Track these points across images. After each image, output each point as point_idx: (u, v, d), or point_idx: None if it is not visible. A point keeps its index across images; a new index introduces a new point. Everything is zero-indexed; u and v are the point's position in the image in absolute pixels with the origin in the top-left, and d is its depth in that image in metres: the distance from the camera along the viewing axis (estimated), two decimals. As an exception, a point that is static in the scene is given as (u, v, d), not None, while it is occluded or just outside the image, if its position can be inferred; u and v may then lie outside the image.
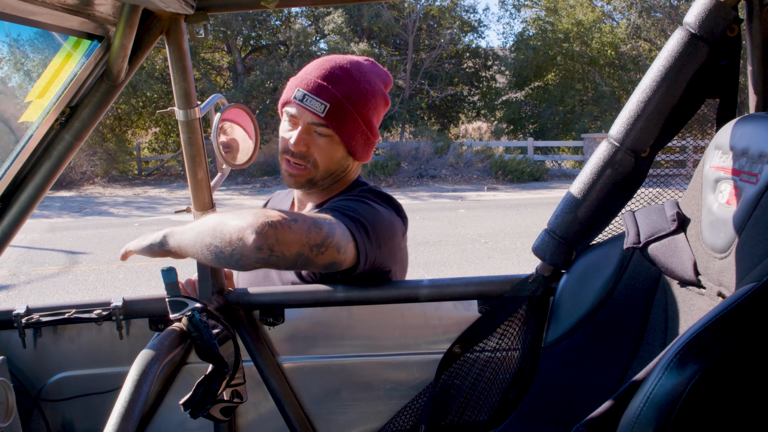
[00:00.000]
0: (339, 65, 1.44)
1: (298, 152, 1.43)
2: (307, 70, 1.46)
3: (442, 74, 20.04)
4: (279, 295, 1.50)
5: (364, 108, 1.44)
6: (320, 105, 1.40)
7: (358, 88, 1.43)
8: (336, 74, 1.42)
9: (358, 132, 1.45)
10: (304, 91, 1.41)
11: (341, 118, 1.41)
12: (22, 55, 1.35)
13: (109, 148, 18.35)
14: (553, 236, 1.47)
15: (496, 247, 7.54)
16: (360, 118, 1.44)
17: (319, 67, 1.44)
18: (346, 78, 1.42)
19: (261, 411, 1.57)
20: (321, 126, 1.42)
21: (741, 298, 0.89)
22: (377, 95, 1.47)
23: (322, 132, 1.43)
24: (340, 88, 1.41)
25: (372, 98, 1.45)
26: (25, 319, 1.47)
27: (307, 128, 1.43)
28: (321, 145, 1.44)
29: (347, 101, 1.41)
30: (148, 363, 1.12)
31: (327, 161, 1.46)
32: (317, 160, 1.45)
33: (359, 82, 1.44)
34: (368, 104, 1.45)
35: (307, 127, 1.43)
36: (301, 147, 1.43)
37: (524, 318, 1.47)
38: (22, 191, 1.35)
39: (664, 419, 0.84)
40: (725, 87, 1.37)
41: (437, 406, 1.47)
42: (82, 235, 9.27)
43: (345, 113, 1.41)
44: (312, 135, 1.44)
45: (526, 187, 14.68)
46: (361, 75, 1.45)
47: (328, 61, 1.45)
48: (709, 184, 1.21)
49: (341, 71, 1.43)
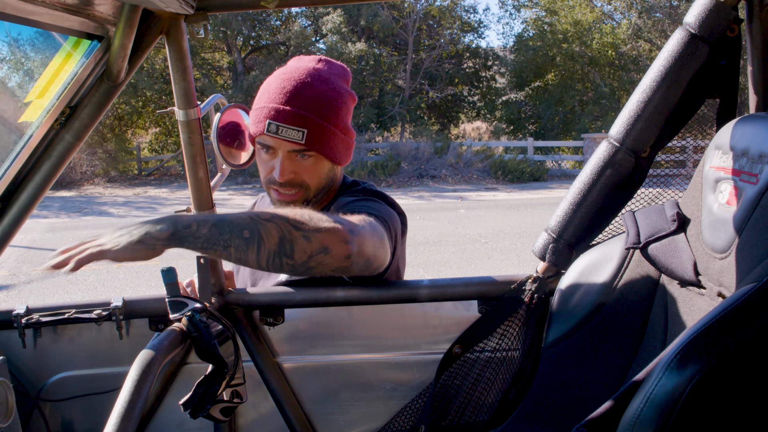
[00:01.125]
0: (302, 82, 1.37)
1: (286, 181, 1.39)
2: (271, 96, 1.38)
3: (442, 74, 20.04)
4: (279, 296, 1.50)
5: (337, 117, 1.39)
6: (297, 133, 1.34)
7: (327, 100, 1.38)
8: (303, 95, 1.36)
9: (338, 142, 1.41)
10: (276, 122, 1.35)
11: (321, 138, 1.36)
12: (22, 55, 1.35)
13: (109, 148, 18.34)
14: (553, 236, 1.47)
15: (496, 248, 7.54)
16: (337, 129, 1.39)
17: (283, 91, 1.37)
18: (313, 95, 1.37)
19: (261, 411, 1.57)
20: (303, 151, 1.37)
21: (741, 298, 0.89)
22: (345, 97, 1.42)
23: (305, 155, 1.38)
24: (312, 109, 1.35)
25: (342, 103, 1.41)
26: (25, 319, 1.47)
27: (288, 156, 1.38)
28: (308, 167, 1.39)
29: (322, 119, 1.36)
30: (148, 363, 1.12)
31: (317, 179, 1.42)
32: (307, 182, 1.40)
33: (325, 92, 1.38)
34: (340, 111, 1.40)
35: (287, 155, 1.38)
36: (288, 175, 1.38)
37: (524, 318, 1.47)
38: (22, 191, 1.35)
39: (664, 419, 0.83)
40: (725, 87, 1.37)
41: (437, 406, 1.47)
42: (82, 235, 9.26)
43: (323, 131, 1.36)
44: (295, 160, 1.39)
45: (526, 187, 14.68)
46: (325, 83, 1.39)
47: (290, 81, 1.38)
48: (709, 185, 1.21)
49: (306, 89, 1.37)
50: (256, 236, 1.04)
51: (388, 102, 19.11)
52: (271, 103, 1.37)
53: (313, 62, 1.44)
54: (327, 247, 1.06)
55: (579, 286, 1.44)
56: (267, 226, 1.05)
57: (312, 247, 1.06)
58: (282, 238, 1.05)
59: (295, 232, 1.05)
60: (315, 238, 1.06)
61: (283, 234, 1.05)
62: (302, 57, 1.48)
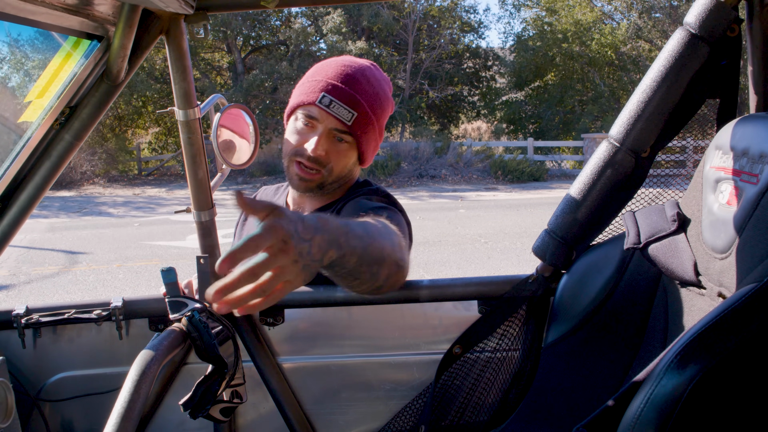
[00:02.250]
0: (360, 71, 1.41)
1: (315, 157, 1.39)
2: (328, 73, 1.41)
3: (442, 74, 20.04)
4: (279, 296, 1.50)
5: (382, 116, 1.44)
6: (348, 113, 1.37)
7: (378, 96, 1.42)
8: (360, 82, 1.40)
9: (373, 140, 1.45)
10: (331, 97, 1.37)
11: (364, 127, 1.39)
12: (22, 55, 1.35)
13: (109, 148, 18.35)
14: (554, 236, 1.47)
15: (496, 248, 7.54)
16: (377, 126, 1.44)
17: (342, 73, 1.40)
18: (367, 85, 1.41)
19: (261, 411, 1.57)
20: (343, 133, 1.39)
21: (741, 298, 0.89)
22: (389, 101, 1.47)
23: (342, 138, 1.40)
24: (365, 97, 1.39)
25: (387, 105, 1.46)
26: (25, 320, 1.47)
27: (327, 133, 1.39)
28: (339, 151, 1.41)
29: (371, 110, 1.40)
30: (148, 363, 1.12)
31: (341, 167, 1.43)
32: (333, 166, 1.41)
33: (378, 89, 1.43)
34: (384, 112, 1.45)
35: (327, 132, 1.39)
36: (320, 152, 1.39)
37: (524, 318, 1.47)
38: (22, 191, 1.35)
39: (664, 420, 0.83)
40: (726, 87, 1.36)
41: (437, 406, 1.47)
42: (81, 235, 9.27)
43: (368, 122, 1.40)
44: (331, 140, 1.40)
45: (526, 187, 14.68)
46: (377, 81, 1.44)
47: (349, 67, 1.42)
48: (709, 185, 1.21)
49: (363, 79, 1.41)
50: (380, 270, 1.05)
51: (388, 102, 19.09)
52: (329, 79, 1.39)
53: (365, 62, 1.48)
54: (402, 269, 1.12)
55: (579, 286, 1.44)
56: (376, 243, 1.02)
57: (391, 267, 1.09)
58: (388, 275, 1.08)
59: (397, 271, 1.10)
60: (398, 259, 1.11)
61: (390, 270, 1.08)
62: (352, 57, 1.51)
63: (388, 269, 1.07)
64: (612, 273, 1.41)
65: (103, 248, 8.17)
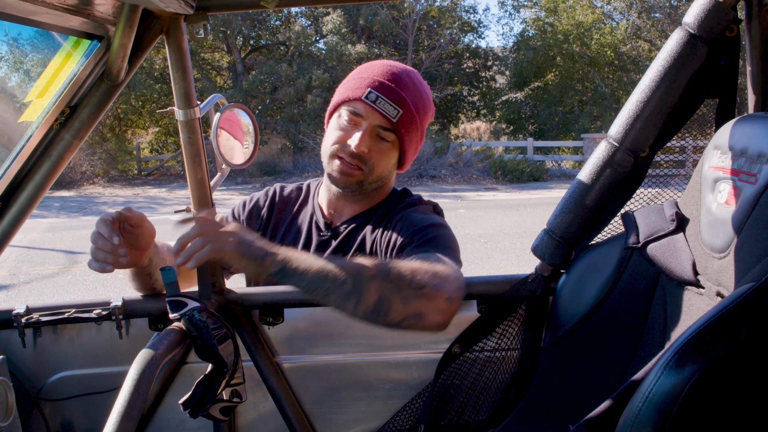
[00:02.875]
0: (405, 72, 1.43)
1: (359, 153, 1.40)
2: (374, 71, 1.42)
3: (441, 74, 20.03)
4: (278, 295, 1.50)
5: (425, 117, 1.45)
6: (394, 110, 1.37)
7: (423, 98, 1.43)
8: (405, 81, 1.41)
9: (415, 141, 1.45)
10: (377, 93, 1.37)
11: (408, 126, 1.40)
12: (22, 55, 1.35)
13: (109, 148, 18.35)
14: (553, 236, 1.47)
15: (495, 247, 7.54)
16: (420, 127, 1.44)
17: (388, 72, 1.41)
18: (412, 85, 1.42)
19: (260, 411, 1.57)
20: (387, 131, 1.40)
21: (740, 297, 0.89)
22: (431, 106, 1.48)
23: (385, 137, 1.40)
24: (410, 96, 1.40)
25: (430, 107, 1.47)
26: (25, 319, 1.47)
27: (371, 130, 1.40)
28: (382, 150, 1.42)
29: (415, 110, 1.40)
30: (148, 363, 1.12)
31: (383, 167, 1.43)
32: (374, 164, 1.42)
33: (421, 91, 1.44)
34: (428, 113, 1.46)
35: (371, 129, 1.39)
36: (363, 148, 1.39)
37: (523, 318, 1.47)
38: (22, 191, 1.35)
39: (662, 419, 0.84)
40: (724, 87, 1.37)
41: (436, 405, 1.48)
42: (81, 235, 9.27)
43: (412, 121, 1.40)
44: (374, 138, 1.40)
45: (526, 187, 14.68)
46: (421, 84, 1.45)
47: (394, 67, 1.43)
48: (708, 184, 1.21)
49: (408, 78, 1.42)
50: (356, 292, 1.07)
51: (387, 102, 19.08)
52: (376, 76, 1.40)
53: (409, 67, 1.49)
54: (422, 314, 1.09)
55: (578, 285, 1.44)
56: (368, 284, 1.07)
57: (408, 311, 1.08)
58: (380, 298, 1.07)
59: (394, 296, 1.07)
60: (413, 304, 1.08)
61: (382, 294, 1.07)
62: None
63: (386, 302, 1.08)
64: (611, 273, 1.41)
65: (102, 248, 8.16)
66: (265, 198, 1.64)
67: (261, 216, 1.61)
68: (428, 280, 1.10)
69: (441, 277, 1.12)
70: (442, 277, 1.13)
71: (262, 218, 1.61)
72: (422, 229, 1.36)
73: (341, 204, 1.53)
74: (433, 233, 1.36)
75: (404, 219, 1.42)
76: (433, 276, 1.11)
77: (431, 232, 1.36)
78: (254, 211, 1.62)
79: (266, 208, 1.62)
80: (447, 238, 1.37)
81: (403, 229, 1.39)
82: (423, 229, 1.36)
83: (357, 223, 1.50)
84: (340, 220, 1.53)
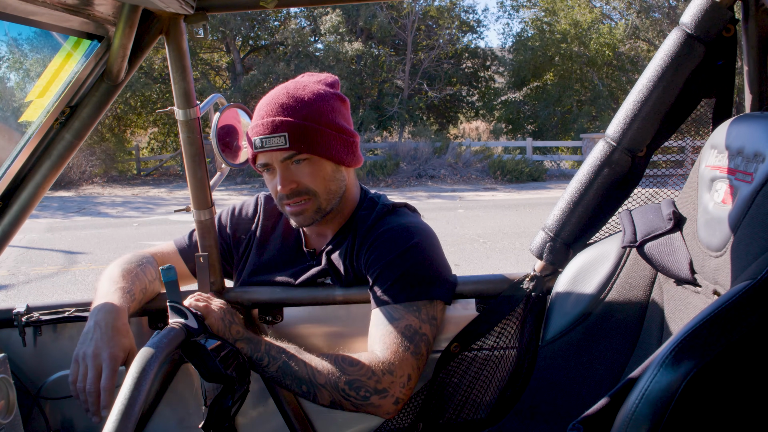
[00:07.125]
0: (278, 95, 1.42)
1: (290, 191, 1.41)
2: (254, 119, 1.44)
3: (440, 74, 20.03)
4: (278, 294, 1.51)
5: (320, 115, 1.40)
6: (279, 138, 1.37)
7: (305, 102, 1.39)
8: (278, 105, 1.39)
9: (331, 139, 1.40)
10: (260, 137, 1.38)
11: (305, 138, 1.37)
12: (22, 55, 1.35)
13: (108, 148, 18.33)
14: (551, 235, 1.48)
15: (494, 247, 7.55)
16: (324, 127, 1.39)
17: (261, 110, 1.42)
18: (290, 101, 1.39)
19: (261, 410, 1.57)
20: (294, 155, 1.38)
21: (736, 295, 0.90)
22: (326, 97, 1.42)
23: (298, 159, 1.39)
24: (290, 113, 1.38)
25: (323, 102, 1.41)
26: (26, 318, 1.47)
27: (283, 166, 1.40)
28: (307, 172, 1.40)
29: (303, 120, 1.37)
30: (148, 361, 1.12)
31: (320, 182, 1.41)
32: (312, 188, 1.41)
33: (303, 96, 1.40)
34: (322, 110, 1.40)
35: (283, 165, 1.40)
36: (289, 184, 1.40)
37: (522, 316, 1.48)
38: (22, 191, 1.35)
39: (659, 416, 0.84)
40: (721, 87, 1.37)
41: (435, 404, 1.48)
42: (80, 235, 9.27)
43: (306, 131, 1.37)
44: (291, 168, 1.40)
45: (525, 187, 14.69)
46: (302, 89, 1.42)
47: (268, 98, 1.43)
48: (704, 183, 1.22)
49: (282, 98, 1.40)
50: (311, 394, 1.33)
51: (387, 102, 19.10)
52: (255, 123, 1.42)
53: (296, 78, 1.50)
54: (375, 412, 1.33)
55: (576, 284, 1.45)
56: (322, 390, 1.32)
57: (360, 411, 1.33)
58: (333, 402, 1.32)
59: (344, 402, 1.32)
60: (363, 408, 1.32)
61: (333, 399, 1.32)
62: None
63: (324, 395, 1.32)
64: (608, 271, 1.42)
65: (102, 248, 8.17)
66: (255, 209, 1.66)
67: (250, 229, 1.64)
68: (374, 391, 1.31)
69: (388, 383, 1.31)
70: (388, 383, 1.31)
71: (251, 231, 1.63)
72: (391, 264, 1.38)
73: (317, 230, 1.54)
74: (403, 267, 1.37)
75: (376, 245, 1.41)
76: (377, 382, 1.31)
77: (400, 267, 1.37)
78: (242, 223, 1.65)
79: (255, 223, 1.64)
80: (418, 266, 1.39)
81: (375, 261, 1.40)
82: (391, 264, 1.38)
83: (336, 243, 1.50)
84: (321, 244, 1.54)
